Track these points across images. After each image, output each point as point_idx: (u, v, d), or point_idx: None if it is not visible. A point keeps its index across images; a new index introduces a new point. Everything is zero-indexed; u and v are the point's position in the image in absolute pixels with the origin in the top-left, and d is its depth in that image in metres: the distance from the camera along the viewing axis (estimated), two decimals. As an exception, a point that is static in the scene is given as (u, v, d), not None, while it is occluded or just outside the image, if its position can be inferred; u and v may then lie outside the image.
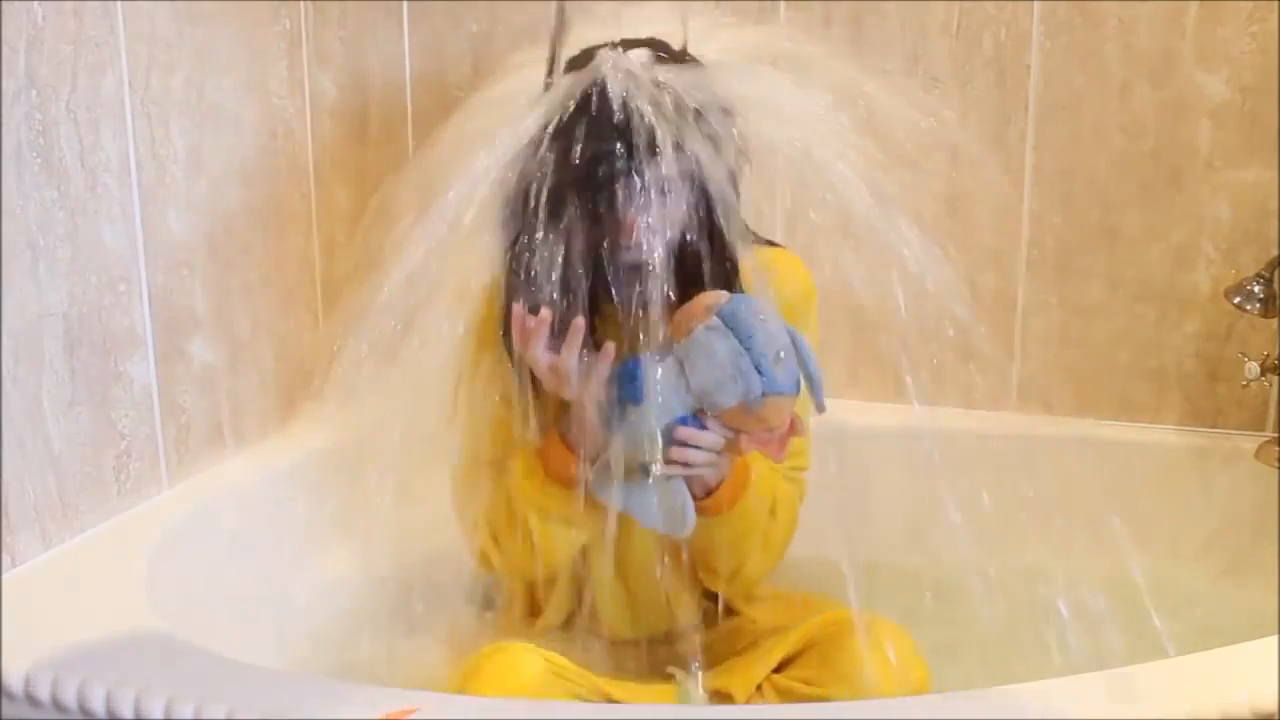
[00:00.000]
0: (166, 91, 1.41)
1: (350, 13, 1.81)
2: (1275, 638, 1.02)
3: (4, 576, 1.21)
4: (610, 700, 1.18)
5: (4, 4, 1.17)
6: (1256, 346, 1.66)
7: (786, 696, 1.19)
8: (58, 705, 1.00)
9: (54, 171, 1.25)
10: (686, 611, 1.31)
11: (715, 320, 1.06)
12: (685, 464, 1.09)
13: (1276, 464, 1.60)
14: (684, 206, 1.15)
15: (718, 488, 1.18)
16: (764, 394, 1.05)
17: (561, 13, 1.22)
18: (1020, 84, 1.74)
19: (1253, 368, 1.60)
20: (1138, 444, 1.74)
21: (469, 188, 1.14)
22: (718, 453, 1.10)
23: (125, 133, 1.35)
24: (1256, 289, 1.57)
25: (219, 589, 1.40)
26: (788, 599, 1.39)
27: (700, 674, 1.27)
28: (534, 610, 1.33)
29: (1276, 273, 1.56)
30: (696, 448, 1.08)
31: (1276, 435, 1.66)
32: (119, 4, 1.33)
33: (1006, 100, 1.75)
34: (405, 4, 1.98)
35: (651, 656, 1.31)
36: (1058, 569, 1.72)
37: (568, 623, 1.31)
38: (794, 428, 1.09)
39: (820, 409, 1.08)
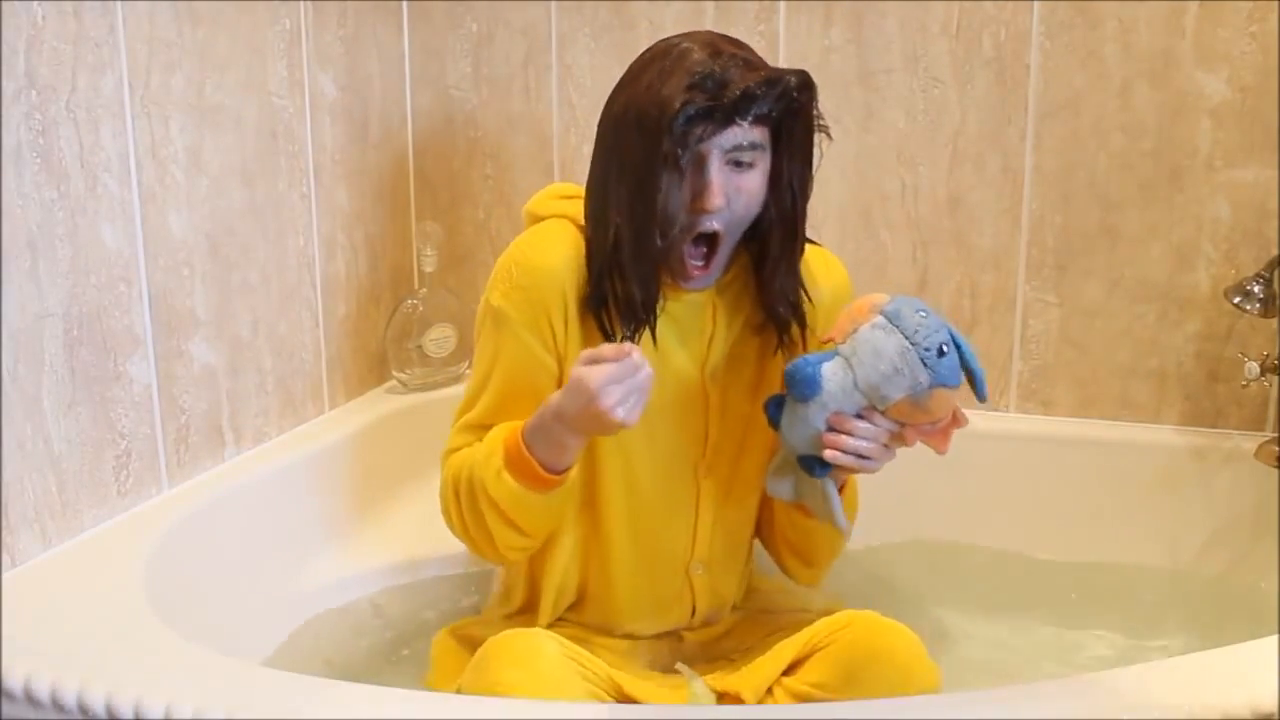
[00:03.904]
0: (166, 91, 1.41)
1: (350, 13, 1.81)
2: (1275, 638, 1.02)
3: (4, 576, 1.21)
4: (621, 693, 1.18)
5: (4, 4, 1.17)
6: (1256, 346, 1.66)
7: (798, 701, 1.19)
8: (58, 705, 1.00)
9: (54, 171, 1.25)
10: (694, 605, 1.31)
11: (880, 319, 1.10)
12: (854, 454, 1.10)
13: (1276, 464, 1.60)
14: (764, 180, 1.17)
15: (844, 484, 1.21)
16: (931, 386, 1.09)
17: None
18: (1020, 84, 1.74)
19: (1253, 368, 1.60)
20: (1138, 444, 1.74)
21: None
22: (884, 445, 1.12)
23: (125, 133, 1.35)
24: (1256, 289, 1.57)
25: (219, 589, 1.40)
26: (789, 591, 1.39)
27: (705, 676, 1.27)
28: (531, 605, 1.32)
29: (1276, 273, 1.57)
30: (857, 438, 1.10)
31: (1276, 435, 1.66)
32: (119, 4, 1.33)
33: (1006, 100, 1.75)
34: (405, 4, 1.98)
35: (655, 651, 1.31)
36: (1057, 567, 1.73)
37: (566, 618, 1.31)
38: (957, 419, 1.13)
39: (982, 399, 1.12)
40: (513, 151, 1.98)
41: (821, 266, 1.29)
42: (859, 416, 1.11)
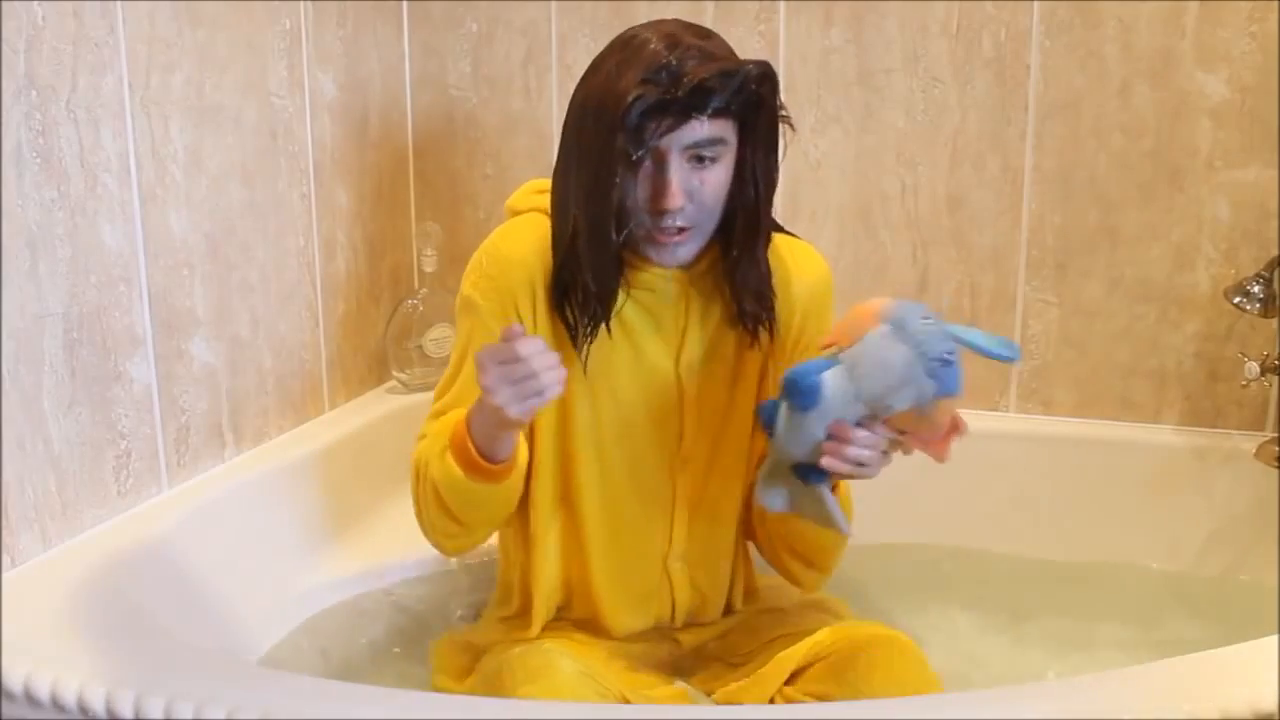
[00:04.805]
0: (166, 91, 1.41)
1: (350, 13, 1.81)
2: (1275, 638, 1.02)
3: (4, 576, 1.21)
4: (627, 704, 1.18)
5: (4, 4, 1.17)
6: (1256, 346, 1.66)
7: None
8: (57, 705, 1.00)
9: (54, 171, 1.25)
10: (674, 600, 1.31)
11: (886, 327, 1.07)
12: (856, 463, 1.08)
13: (1276, 464, 1.60)
14: (729, 172, 1.15)
15: (836, 485, 1.19)
16: (936, 397, 1.06)
17: None
18: (1020, 84, 1.74)
19: (1253, 368, 1.60)
20: (1138, 444, 1.74)
21: None
22: (884, 452, 1.10)
23: (125, 133, 1.35)
24: (1256, 289, 1.57)
25: (219, 589, 1.40)
26: (788, 591, 1.39)
27: (706, 683, 1.27)
28: (526, 608, 1.32)
29: (1276, 273, 1.57)
30: (858, 447, 1.08)
31: (1276, 435, 1.66)
32: (119, 4, 1.33)
33: (1006, 100, 1.75)
34: (405, 4, 1.98)
35: (652, 653, 1.31)
36: (1057, 567, 1.73)
37: (560, 619, 1.31)
38: (956, 426, 1.10)
39: (1014, 357, 1.09)
40: (513, 151, 1.98)
41: (798, 260, 1.27)
42: (858, 424, 1.08)
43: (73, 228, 1.28)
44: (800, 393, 1.08)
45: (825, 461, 1.08)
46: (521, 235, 1.23)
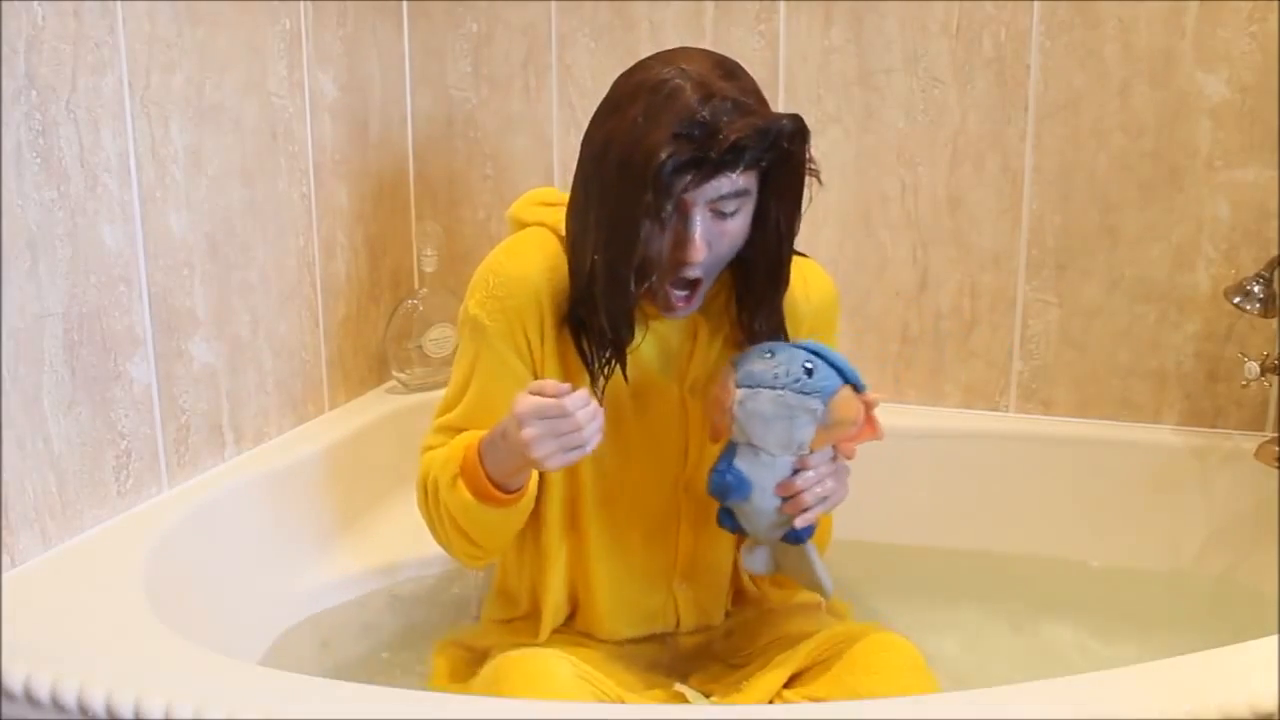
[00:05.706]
0: (166, 91, 1.41)
1: (350, 13, 1.81)
2: (1275, 638, 1.02)
3: (4, 576, 1.21)
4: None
5: (4, 4, 1.17)
6: (1256, 346, 1.66)
7: None
8: (58, 705, 1.00)
9: (54, 171, 1.25)
10: (678, 618, 1.31)
11: (739, 392, 1.12)
12: (821, 500, 1.12)
13: (1276, 464, 1.60)
14: (748, 221, 1.14)
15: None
16: (824, 404, 1.10)
17: None
18: (1020, 84, 1.74)
19: (1252, 368, 1.60)
20: (1138, 444, 1.74)
21: None
22: (834, 474, 1.13)
23: (125, 133, 1.35)
24: (1256, 289, 1.57)
25: (219, 589, 1.40)
26: (787, 597, 1.39)
27: (704, 684, 1.27)
28: (533, 613, 1.32)
29: (1276, 273, 1.57)
30: (810, 489, 1.11)
31: (1276, 435, 1.66)
32: (119, 4, 1.33)
33: (1006, 100, 1.75)
34: (405, 4, 1.98)
35: (651, 654, 1.31)
36: (1057, 568, 1.73)
37: (567, 625, 1.31)
38: (868, 402, 1.13)
39: (861, 390, 1.13)
40: (512, 152, 1.98)
41: (804, 279, 1.27)
42: (796, 471, 1.12)
43: (73, 228, 1.28)
44: (731, 491, 1.14)
45: (798, 521, 1.12)
46: (528, 253, 1.21)
